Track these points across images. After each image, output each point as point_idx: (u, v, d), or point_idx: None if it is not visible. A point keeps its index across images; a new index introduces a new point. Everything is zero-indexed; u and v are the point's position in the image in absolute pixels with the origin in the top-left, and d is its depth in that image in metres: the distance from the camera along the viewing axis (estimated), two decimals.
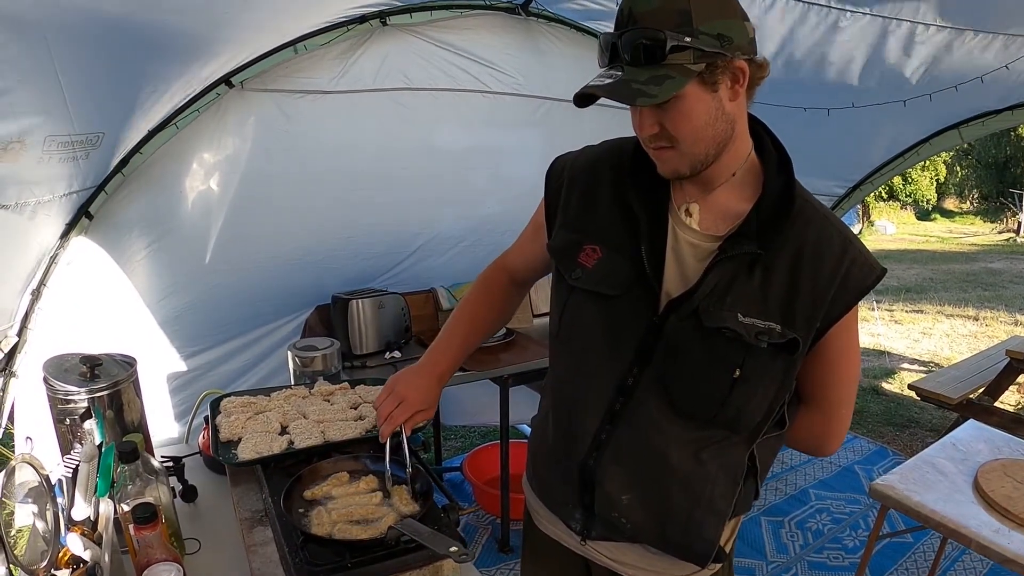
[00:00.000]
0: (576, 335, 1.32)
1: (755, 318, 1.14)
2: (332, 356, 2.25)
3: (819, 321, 1.16)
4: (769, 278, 1.16)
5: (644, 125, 1.13)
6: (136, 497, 1.34)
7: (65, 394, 1.52)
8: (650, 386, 1.22)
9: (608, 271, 1.25)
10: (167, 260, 2.80)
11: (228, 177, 2.80)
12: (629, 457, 1.27)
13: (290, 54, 2.74)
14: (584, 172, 1.35)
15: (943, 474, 2.39)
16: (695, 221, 1.22)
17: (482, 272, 1.61)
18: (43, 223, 2.37)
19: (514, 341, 3.38)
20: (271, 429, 1.69)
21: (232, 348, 3.15)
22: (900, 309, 8.59)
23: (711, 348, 1.16)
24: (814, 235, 1.16)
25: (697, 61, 1.04)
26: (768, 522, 3.56)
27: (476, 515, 3.64)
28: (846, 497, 3.84)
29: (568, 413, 1.35)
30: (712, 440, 1.24)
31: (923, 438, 4.66)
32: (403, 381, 1.44)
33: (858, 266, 1.16)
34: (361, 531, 1.26)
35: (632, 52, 1.05)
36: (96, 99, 2.08)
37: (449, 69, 3.12)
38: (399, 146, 3.16)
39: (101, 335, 2.69)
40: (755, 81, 1.13)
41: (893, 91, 3.28)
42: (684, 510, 1.27)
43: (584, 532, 1.37)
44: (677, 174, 1.17)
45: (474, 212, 3.59)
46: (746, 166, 1.21)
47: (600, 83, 1.08)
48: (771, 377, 1.18)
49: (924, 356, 6.77)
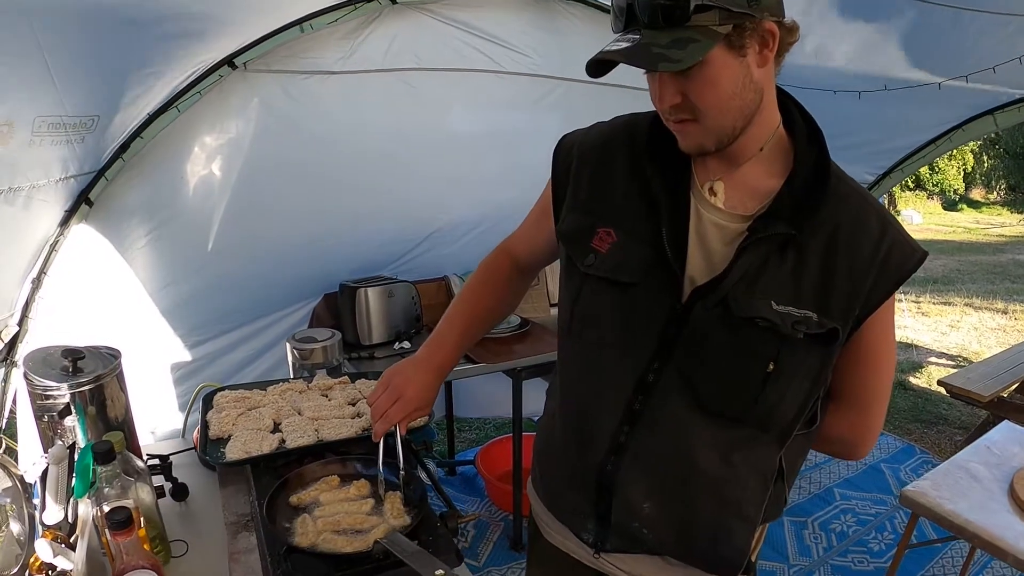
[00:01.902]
0: (590, 327, 1.21)
1: (790, 306, 1.04)
2: (332, 348, 2.16)
3: (858, 308, 1.06)
4: (803, 262, 1.05)
5: (665, 95, 1.02)
6: (116, 499, 1.26)
7: (44, 389, 1.44)
8: (673, 382, 1.11)
9: (625, 256, 1.14)
10: (169, 247, 2.74)
11: (231, 161, 2.72)
12: (651, 461, 1.16)
13: (296, 34, 2.65)
14: (596, 149, 1.24)
15: (977, 479, 2.28)
16: (720, 200, 1.11)
17: (484, 258, 1.50)
18: (40, 210, 2.32)
19: (529, 332, 3.26)
20: (263, 426, 1.61)
21: (237, 338, 3.09)
22: (927, 301, 8.40)
23: (742, 340, 1.06)
24: (850, 215, 1.06)
25: (723, 22, 0.93)
26: (791, 522, 3.43)
27: (489, 510, 3.55)
28: (872, 497, 3.70)
29: (580, 414, 1.24)
30: (742, 440, 1.13)
31: (952, 436, 4.51)
32: (400, 375, 1.34)
33: (898, 248, 1.06)
34: (347, 543, 1.17)
35: (651, 13, 0.95)
36: (87, 81, 2.02)
37: (462, 49, 3.01)
38: (409, 129, 3.07)
39: (102, 324, 2.64)
40: (784, 46, 1.02)
41: (928, 72, 3.13)
42: (712, 517, 1.16)
43: (598, 544, 1.25)
44: (701, 149, 1.07)
45: (488, 197, 3.46)
46: (774, 140, 1.10)
47: (616, 48, 0.97)
48: (807, 371, 1.08)
49: (952, 350, 6.59)
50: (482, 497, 3.67)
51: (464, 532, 3.36)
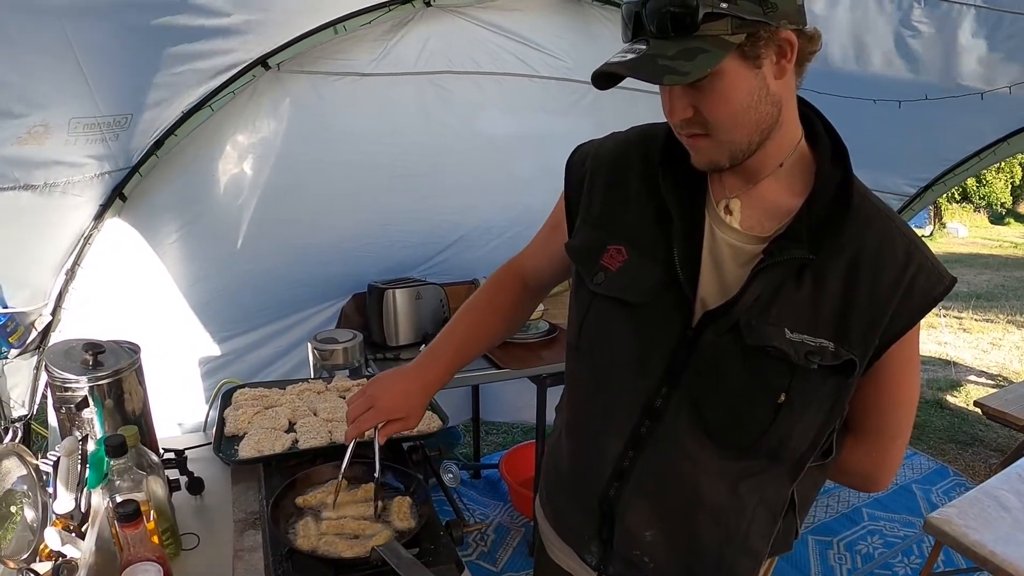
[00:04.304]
0: (597, 348, 1.17)
1: (804, 334, 0.99)
2: (354, 349, 2.17)
3: (878, 338, 1.00)
4: (821, 288, 1.00)
5: (675, 109, 0.97)
6: (128, 492, 1.28)
7: (64, 381, 1.46)
8: (681, 408, 1.07)
9: (634, 276, 1.09)
10: (199, 243, 2.77)
11: (262, 161, 2.75)
12: (655, 488, 1.12)
13: (330, 35, 2.66)
14: (609, 162, 1.19)
15: (1006, 509, 2.19)
16: (736, 220, 1.06)
17: (493, 273, 1.45)
18: (75, 204, 2.37)
19: (556, 338, 3.21)
20: (278, 426, 1.62)
21: (264, 335, 3.11)
22: (969, 317, 8.18)
23: (753, 369, 1.01)
24: (875, 238, 1.00)
25: (736, 31, 0.88)
26: (816, 542, 3.36)
27: (510, 516, 3.54)
28: (901, 519, 3.60)
29: (586, 435, 1.21)
30: (751, 471, 1.09)
31: (987, 458, 4.39)
32: (381, 384, 1.31)
33: (925, 274, 1.00)
34: (347, 548, 1.17)
35: (658, 21, 0.90)
36: (120, 81, 2.05)
37: (495, 52, 3.01)
38: (440, 132, 3.06)
39: (132, 316, 2.68)
40: (804, 56, 0.96)
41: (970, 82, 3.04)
42: (715, 549, 1.13)
43: (600, 567, 1.23)
44: (714, 166, 1.01)
45: (519, 201, 3.43)
46: (795, 156, 1.04)
47: (621, 59, 0.93)
48: (821, 402, 1.03)
49: (992, 368, 6.41)
50: (505, 501, 3.66)
51: (484, 537, 3.35)
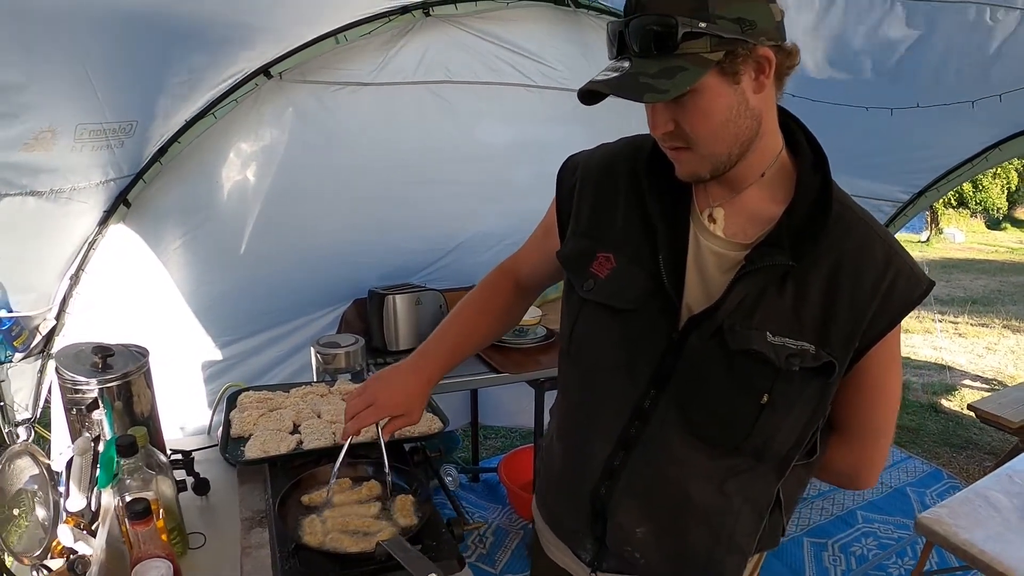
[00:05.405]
0: (587, 352, 1.21)
1: (786, 337, 1.03)
2: (356, 354, 2.21)
3: (858, 340, 1.04)
4: (803, 293, 1.03)
5: (657, 123, 1.01)
6: (137, 491, 1.31)
7: (74, 383, 1.50)
8: (669, 410, 1.11)
9: (623, 283, 1.13)
10: (203, 249, 2.81)
11: (264, 168, 2.79)
12: (644, 487, 1.16)
13: (331, 45, 2.71)
14: (598, 172, 1.23)
15: (996, 509, 2.23)
16: (719, 227, 1.10)
17: (486, 275, 1.48)
18: (80, 210, 2.39)
19: (554, 344, 3.23)
20: (282, 427, 1.65)
21: (266, 339, 3.15)
22: (965, 321, 8.21)
23: (736, 372, 1.05)
24: (854, 244, 1.04)
25: (715, 49, 0.92)
26: (810, 543, 3.39)
27: (509, 518, 3.58)
28: (895, 521, 3.63)
29: (578, 437, 1.25)
30: (737, 470, 1.13)
31: (981, 461, 4.42)
32: (379, 380, 1.32)
33: (904, 278, 1.03)
34: (352, 543, 1.21)
35: (640, 41, 0.94)
36: (127, 88, 2.08)
37: (493, 62, 3.05)
38: (439, 140, 3.11)
39: (136, 321, 2.72)
40: (783, 71, 1.00)
41: (961, 90, 3.07)
42: (703, 547, 1.17)
43: (595, 564, 1.27)
44: (696, 177, 1.05)
45: (517, 209, 3.44)
46: (776, 165, 1.08)
47: (605, 77, 0.96)
48: (803, 403, 1.07)
49: (987, 373, 6.45)
50: (504, 504, 3.69)
51: (483, 538, 3.38)
